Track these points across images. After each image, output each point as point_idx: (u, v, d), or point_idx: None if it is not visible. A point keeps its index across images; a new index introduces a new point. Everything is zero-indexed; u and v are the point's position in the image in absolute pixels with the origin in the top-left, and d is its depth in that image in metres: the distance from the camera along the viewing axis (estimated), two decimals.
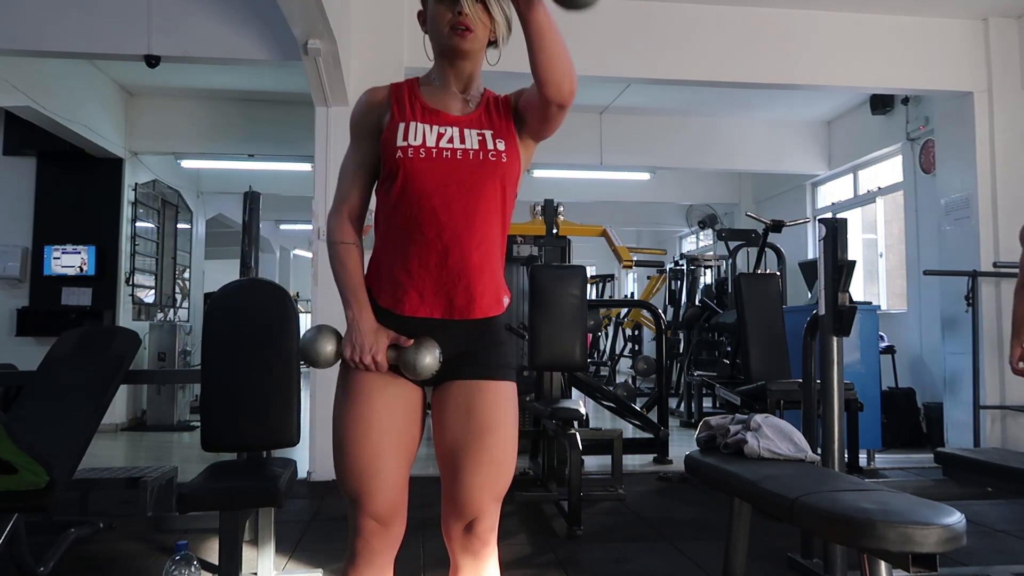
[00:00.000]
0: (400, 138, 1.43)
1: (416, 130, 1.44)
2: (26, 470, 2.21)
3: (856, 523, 1.58)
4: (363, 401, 1.43)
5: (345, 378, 1.47)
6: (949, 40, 5.09)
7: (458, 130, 1.45)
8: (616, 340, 10.34)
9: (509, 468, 1.47)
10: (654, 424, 4.82)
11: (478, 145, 1.44)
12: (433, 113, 1.47)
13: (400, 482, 1.45)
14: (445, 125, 1.46)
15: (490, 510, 1.45)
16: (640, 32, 4.84)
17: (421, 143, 1.43)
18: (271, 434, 2.57)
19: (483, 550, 1.47)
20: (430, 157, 1.42)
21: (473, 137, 1.45)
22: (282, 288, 2.84)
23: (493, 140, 1.46)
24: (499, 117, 1.50)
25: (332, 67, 4.11)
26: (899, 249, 6.87)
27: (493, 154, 1.44)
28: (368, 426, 1.42)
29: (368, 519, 1.42)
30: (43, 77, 5.40)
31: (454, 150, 1.43)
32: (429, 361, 1.41)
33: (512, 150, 1.47)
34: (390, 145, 1.44)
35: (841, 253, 2.66)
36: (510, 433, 1.46)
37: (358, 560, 1.44)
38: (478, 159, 1.43)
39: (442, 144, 1.43)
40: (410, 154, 1.42)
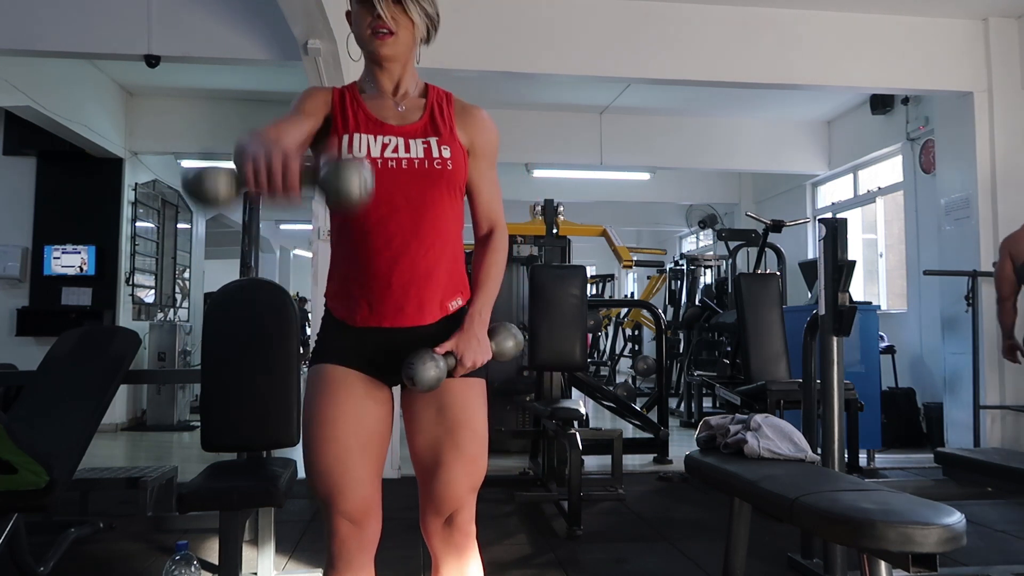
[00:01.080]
0: (344, 150, 1.42)
1: (360, 141, 1.43)
2: (26, 470, 2.21)
3: (856, 523, 1.58)
4: (331, 401, 1.44)
5: (314, 378, 1.48)
6: (949, 40, 5.08)
7: (403, 140, 1.45)
8: (616, 340, 10.34)
9: (483, 460, 1.50)
10: (654, 424, 4.82)
11: (423, 154, 1.44)
12: (376, 124, 1.46)
13: (371, 480, 1.46)
14: (389, 135, 1.45)
15: (468, 502, 1.48)
16: (640, 32, 4.84)
17: (365, 154, 1.42)
18: (271, 434, 2.57)
19: (464, 542, 1.50)
20: (375, 168, 1.39)
21: (418, 146, 1.45)
22: (282, 288, 2.84)
23: (438, 147, 1.45)
24: (443, 123, 1.49)
25: (332, 67, 4.11)
26: (899, 249, 6.87)
27: (439, 162, 1.44)
28: (335, 426, 1.42)
29: (341, 519, 1.43)
30: (43, 77, 5.40)
31: (399, 160, 1.43)
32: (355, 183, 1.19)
33: (457, 156, 1.47)
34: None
35: (841, 253, 2.66)
36: (481, 427, 1.50)
37: (336, 563, 1.45)
38: (423, 168, 1.43)
39: (387, 154, 1.43)
40: None
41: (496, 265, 1.52)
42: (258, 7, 4.34)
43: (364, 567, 1.47)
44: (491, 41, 4.68)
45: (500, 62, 4.72)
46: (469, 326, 1.44)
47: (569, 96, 6.86)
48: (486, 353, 1.45)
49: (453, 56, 4.53)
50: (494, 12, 4.67)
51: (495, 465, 4.64)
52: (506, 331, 1.49)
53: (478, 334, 1.44)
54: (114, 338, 3.22)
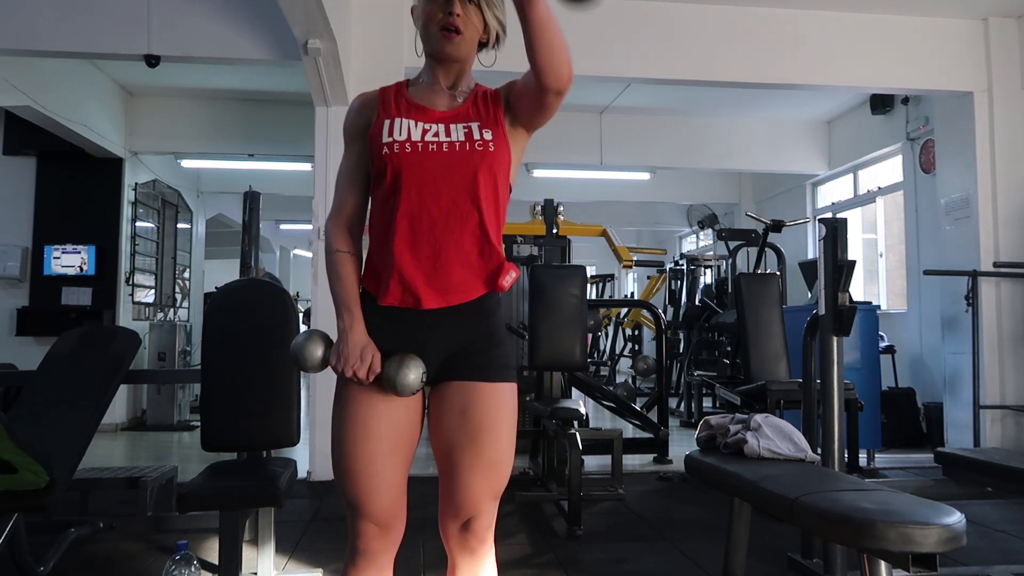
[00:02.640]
0: (385, 134, 1.44)
1: (401, 126, 1.44)
2: (26, 470, 2.21)
3: (856, 523, 1.58)
4: (362, 404, 1.43)
5: (343, 381, 1.47)
6: (949, 40, 5.08)
7: (443, 125, 1.45)
8: (616, 340, 10.34)
9: (506, 468, 1.47)
10: (654, 424, 4.82)
11: (464, 137, 1.44)
12: (418, 109, 1.48)
13: (399, 484, 1.45)
14: (430, 121, 1.46)
15: (487, 509, 1.46)
16: (640, 32, 4.84)
17: (406, 138, 1.43)
18: (271, 434, 2.57)
19: (480, 548, 1.47)
20: (416, 151, 1.42)
21: (459, 130, 1.45)
22: (282, 288, 2.84)
23: (480, 131, 1.45)
24: (486, 109, 1.49)
25: (332, 67, 4.11)
26: (899, 249, 6.87)
27: (480, 144, 1.44)
28: (366, 429, 1.42)
29: (367, 522, 1.42)
30: (43, 77, 5.40)
31: (440, 143, 1.43)
32: (411, 379, 1.40)
33: (500, 139, 1.46)
34: (376, 142, 1.45)
35: (841, 253, 2.66)
36: (506, 434, 1.46)
37: (358, 561, 1.44)
38: (464, 151, 1.43)
39: (428, 138, 1.43)
40: (396, 149, 1.42)
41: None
42: (258, 7, 4.34)
43: (385, 567, 1.47)
44: None
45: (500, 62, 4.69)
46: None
47: (569, 96, 6.73)
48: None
49: None
50: None
51: None
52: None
53: None
54: (114, 338, 3.22)
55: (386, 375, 1.40)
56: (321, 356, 1.46)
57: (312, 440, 4.44)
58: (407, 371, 1.39)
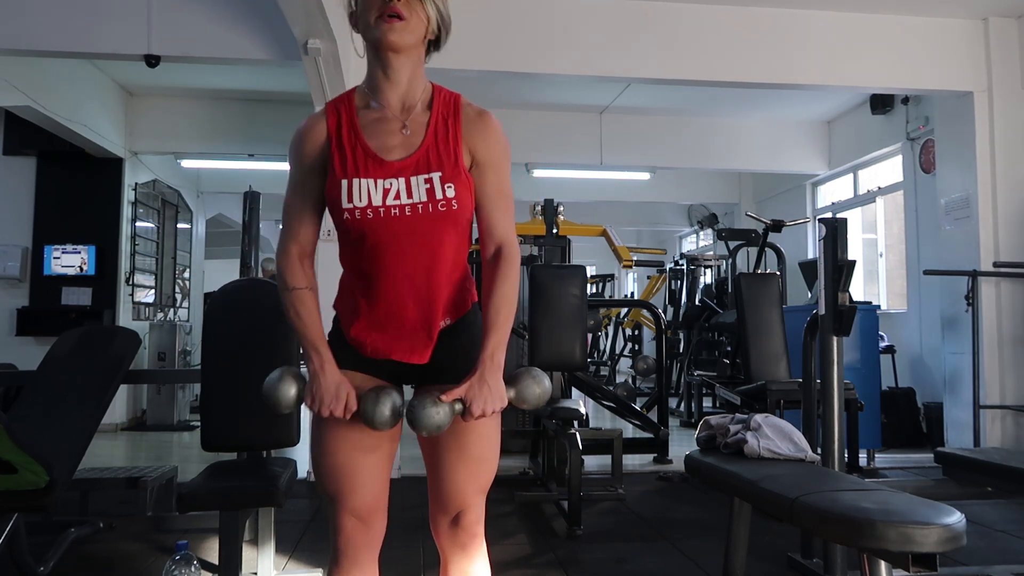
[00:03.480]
0: (345, 199, 1.36)
1: (360, 189, 1.36)
2: (26, 470, 2.21)
3: (856, 523, 1.58)
4: None
5: None
6: (949, 40, 5.08)
7: (404, 181, 1.37)
8: (616, 340, 10.34)
9: (492, 462, 1.48)
10: (654, 424, 4.81)
11: (426, 196, 1.36)
12: (376, 163, 1.38)
13: (380, 478, 1.46)
14: (389, 176, 1.37)
15: (475, 503, 1.47)
16: (640, 32, 4.84)
17: (367, 204, 1.36)
18: (271, 434, 2.57)
19: (471, 543, 1.49)
20: (378, 216, 1.36)
21: (420, 187, 1.37)
22: None
23: (442, 187, 1.37)
24: (446, 149, 1.40)
25: (332, 67, 4.11)
26: (899, 249, 6.87)
27: (443, 204, 1.37)
28: (348, 427, 1.42)
29: (349, 517, 1.43)
30: (43, 77, 5.40)
31: (402, 207, 1.36)
32: (387, 415, 1.36)
33: (462, 191, 1.39)
34: (335, 204, 1.38)
35: (841, 253, 2.66)
36: (490, 428, 1.47)
37: (342, 560, 1.45)
38: (427, 212, 1.36)
39: (388, 201, 1.36)
40: (357, 216, 1.36)
41: (507, 300, 1.42)
42: (258, 7, 4.34)
43: (369, 565, 1.47)
44: (491, 41, 4.67)
45: (500, 62, 4.72)
46: (481, 372, 1.36)
47: (569, 96, 6.86)
48: (499, 401, 1.36)
49: (453, 56, 4.49)
50: (494, 12, 4.67)
51: None
52: (530, 378, 1.40)
53: (490, 380, 1.36)
54: (114, 338, 3.22)
55: (362, 411, 1.36)
56: (295, 396, 1.40)
57: None
58: (383, 408, 1.35)
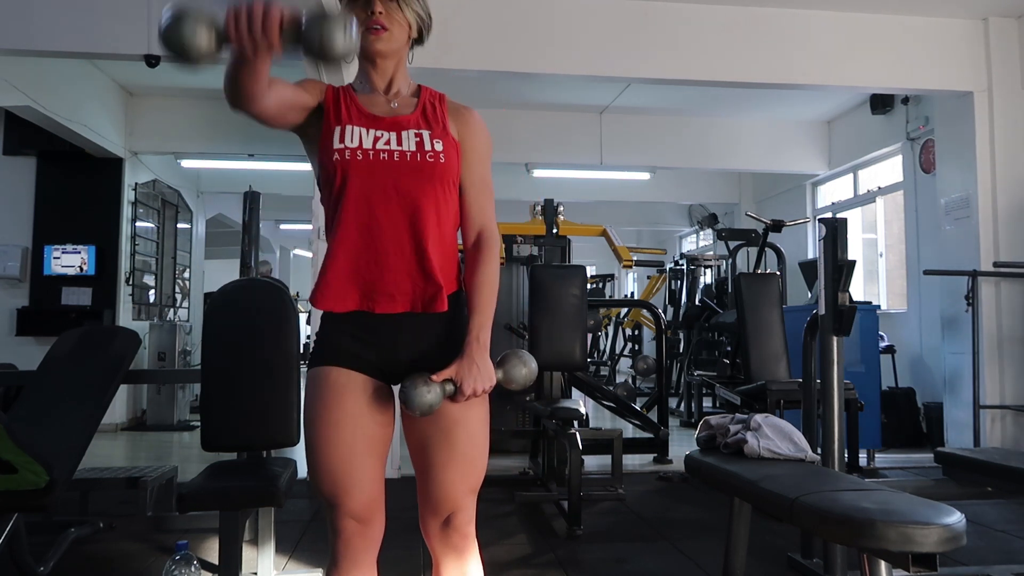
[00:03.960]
0: (336, 140, 1.43)
1: (352, 133, 1.44)
2: (26, 470, 2.21)
3: (856, 523, 1.58)
4: (333, 403, 1.43)
5: (315, 381, 1.47)
6: (949, 40, 5.08)
7: (395, 133, 1.46)
8: (616, 340, 10.34)
9: (481, 462, 1.48)
10: (654, 424, 4.82)
11: (415, 147, 1.45)
12: (369, 117, 1.47)
13: (376, 479, 1.46)
14: (381, 129, 1.46)
15: (466, 504, 1.47)
16: (639, 32, 4.84)
17: (358, 145, 1.43)
18: (271, 434, 2.57)
19: (463, 543, 1.48)
20: (367, 159, 1.42)
21: (410, 139, 1.45)
22: (282, 288, 2.84)
23: (431, 140, 1.46)
24: (435, 119, 1.50)
25: (332, 67, 4.11)
26: (899, 249, 6.87)
27: (431, 155, 1.44)
28: (340, 428, 1.42)
29: (347, 519, 1.43)
30: (43, 77, 5.40)
31: (391, 151, 1.44)
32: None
33: (449, 150, 1.47)
34: (327, 148, 1.44)
35: (841, 253, 2.66)
36: (478, 427, 1.47)
37: (341, 562, 1.45)
38: (415, 161, 1.44)
39: (379, 146, 1.44)
40: (347, 156, 1.42)
41: (489, 282, 1.49)
42: None
43: (368, 566, 1.47)
44: (491, 41, 4.67)
45: (500, 62, 4.72)
46: (469, 352, 1.41)
47: (569, 96, 6.86)
48: (488, 380, 1.41)
49: (453, 56, 4.53)
50: (494, 12, 4.67)
51: (495, 465, 4.63)
52: (517, 359, 1.45)
53: (478, 360, 1.40)
54: (114, 338, 3.22)
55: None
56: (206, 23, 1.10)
57: None
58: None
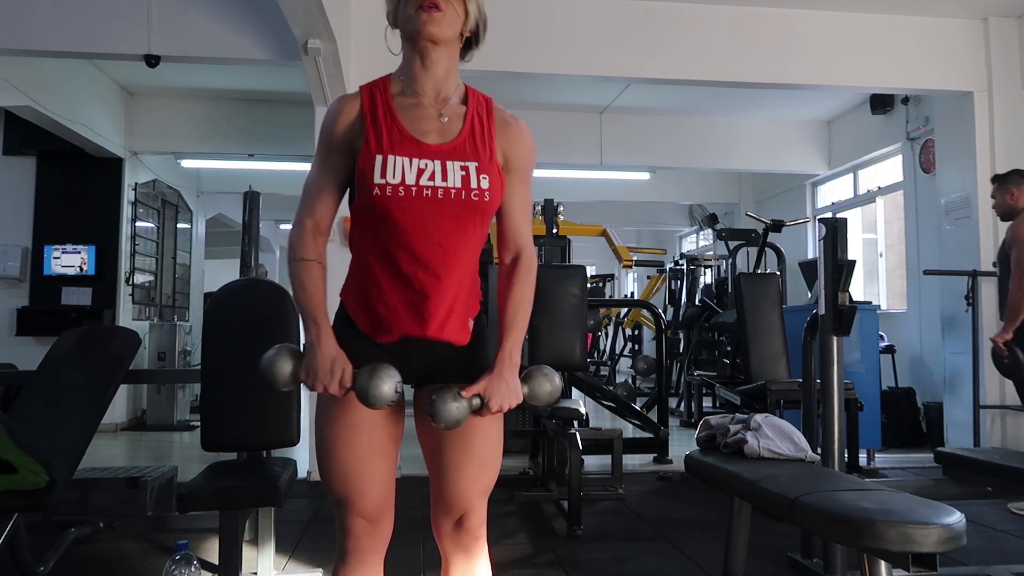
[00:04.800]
0: (378, 174, 1.35)
1: (395, 165, 1.35)
2: (26, 470, 2.21)
3: (856, 523, 1.58)
4: (352, 404, 1.41)
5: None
6: (949, 40, 5.08)
7: (440, 164, 1.37)
8: (616, 340, 10.34)
9: (495, 463, 1.48)
10: (654, 424, 4.81)
11: (461, 183, 1.37)
12: (413, 144, 1.38)
13: (387, 480, 1.45)
14: (425, 158, 1.37)
15: (478, 505, 1.46)
16: (639, 32, 4.84)
17: (400, 181, 1.35)
18: (271, 434, 2.57)
19: (473, 545, 1.48)
20: (410, 196, 1.34)
21: (456, 173, 1.37)
22: (282, 288, 2.84)
23: (477, 176, 1.38)
24: (483, 143, 1.42)
25: (332, 67, 4.11)
26: (899, 249, 6.87)
27: (476, 193, 1.37)
28: (355, 429, 1.41)
29: (357, 519, 1.43)
30: (43, 77, 5.40)
31: (435, 188, 1.36)
32: (385, 390, 1.33)
33: (495, 185, 1.40)
34: (367, 179, 1.36)
35: (841, 253, 2.66)
36: (493, 430, 1.46)
37: (349, 560, 1.45)
38: (460, 199, 1.36)
39: (423, 182, 1.35)
40: (388, 192, 1.34)
41: (525, 302, 1.47)
42: (258, 7, 4.34)
43: (375, 565, 1.47)
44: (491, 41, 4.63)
45: (500, 62, 4.71)
46: (499, 370, 1.38)
47: (569, 96, 6.86)
48: (516, 397, 1.38)
49: None
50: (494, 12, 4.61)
51: None
52: (542, 376, 1.43)
53: (508, 378, 1.38)
54: (114, 338, 3.22)
55: (359, 388, 1.33)
56: (291, 372, 1.38)
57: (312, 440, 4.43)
58: (379, 382, 1.32)
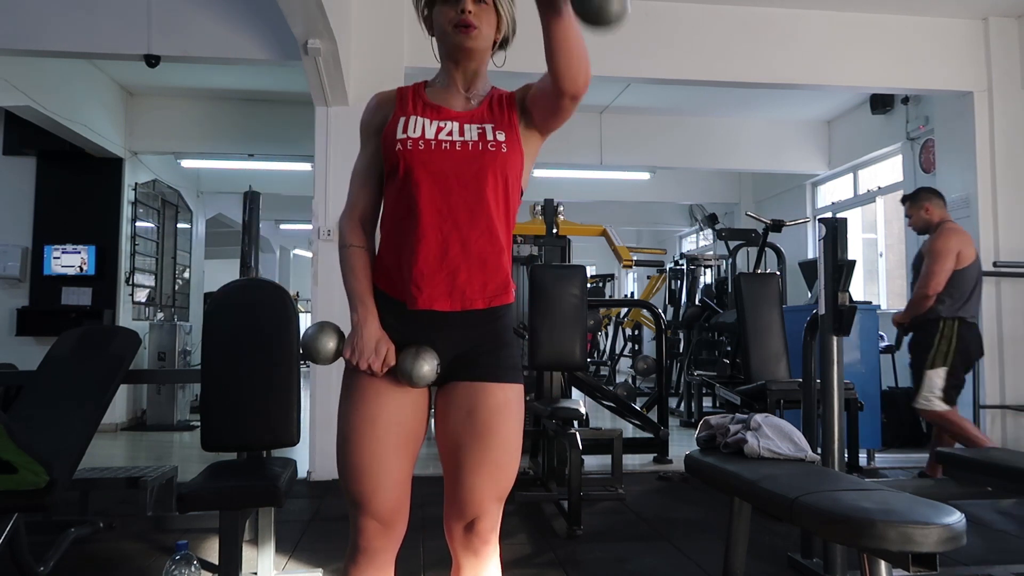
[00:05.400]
0: (400, 131, 1.45)
1: (415, 123, 1.46)
2: (26, 470, 2.21)
3: (856, 523, 1.58)
4: (371, 400, 1.42)
5: (351, 376, 1.46)
6: (949, 40, 5.08)
7: (458, 124, 1.46)
8: (616, 340, 10.34)
9: (511, 469, 1.47)
10: (654, 424, 4.82)
11: (477, 137, 1.45)
12: (434, 108, 1.49)
13: (403, 482, 1.45)
14: (445, 120, 1.47)
15: (491, 510, 1.45)
16: (640, 32, 4.84)
17: (420, 135, 1.44)
18: (271, 434, 2.57)
19: (484, 549, 1.47)
20: (429, 149, 1.43)
21: (473, 130, 1.46)
22: (282, 288, 2.84)
23: (493, 132, 1.46)
24: (501, 111, 1.50)
25: (332, 67, 4.10)
26: (899, 249, 6.86)
27: (492, 144, 1.45)
28: (375, 426, 1.41)
29: (370, 519, 1.42)
30: (43, 77, 5.40)
31: (453, 142, 1.44)
32: (426, 370, 1.40)
33: (513, 141, 1.47)
34: (390, 138, 1.46)
35: (841, 253, 2.66)
36: (512, 435, 1.46)
37: (359, 558, 1.44)
38: (477, 150, 1.44)
39: (441, 137, 1.45)
40: (409, 146, 1.43)
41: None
42: (258, 7, 4.34)
43: (386, 566, 1.46)
44: None
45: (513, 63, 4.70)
46: None
47: None
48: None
49: None
50: None
51: None
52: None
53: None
54: (114, 338, 3.22)
55: (401, 367, 1.41)
56: (334, 348, 1.46)
57: (312, 440, 4.44)
58: (422, 363, 1.40)
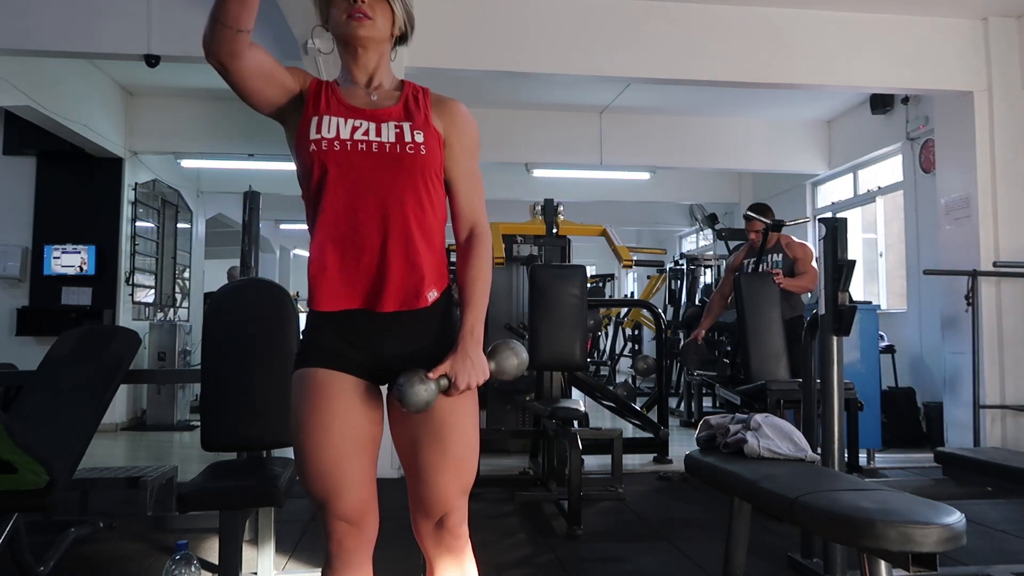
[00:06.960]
0: (313, 131, 1.41)
1: (329, 123, 1.41)
2: (26, 470, 2.21)
3: (856, 523, 1.58)
4: (322, 405, 1.40)
5: (302, 383, 1.43)
6: (949, 40, 5.08)
7: (374, 124, 1.43)
8: (616, 340, 10.34)
9: (472, 462, 1.47)
10: (654, 424, 4.82)
11: (395, 138, 1.42)
12: (348, 107, 1.45)
13: (366, 480, 1.44)
14: (360, 119, 1.43)
15: (458, 505, 1.46)
16: (640, 32, 4.84)
17: (335, 136, 1.40)
18: (271, 434, 2.57)
19: (456, 544, 1.48)
20: (344, 150, 1.40)
21: (390, 130, 1.42)
22: (282, 288, 2.84)
23: (411, 132, 1.43)
24: (417, 108, 1.47)
25: (332, 67, 4.10)
26: (899, 249, 6.86)
27: (411, 147, 1.41)
28: (329, 430, 1.39)
29: (338, 521, 1.41)
30: (43, 77, 5.40)
31: (369, 143, 1.41)
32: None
33: (431, 141, 1.44)
34: (303, 139, 1.42)
35: (841, 253, 2.66)
36: (470, 428, 1.46)
37: (335, 563, 1.43)
38: (394, 153, 1.41)
39: (356, 136, 1.41)
40: (324, 147, 1.40)
41: (481, 278, 1.47)
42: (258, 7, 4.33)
43: (362, 566, 1.46)
44: (491, 41, 4.67)
45: (500, 62, 4.72)
46: (463, 347, 1.40)
47: (569, 96, 6.86)
48: (482, 374, 1.40)
49: (453, 56, 4.53)
50: (494, 12, 4.67)
51: (495, 465, 4.64)
52: (508, 350, 1.44)
53: (472, 355, 1.39)
54: (114, 338, 3.22)
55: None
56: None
57: None
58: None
